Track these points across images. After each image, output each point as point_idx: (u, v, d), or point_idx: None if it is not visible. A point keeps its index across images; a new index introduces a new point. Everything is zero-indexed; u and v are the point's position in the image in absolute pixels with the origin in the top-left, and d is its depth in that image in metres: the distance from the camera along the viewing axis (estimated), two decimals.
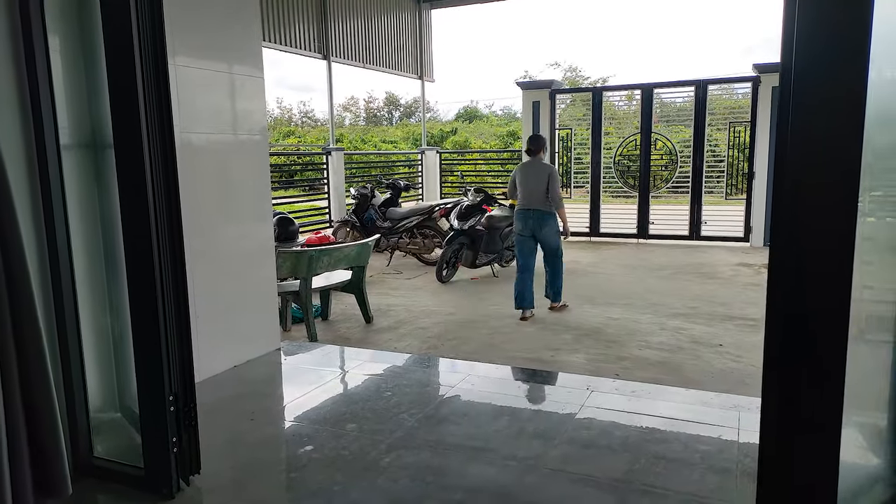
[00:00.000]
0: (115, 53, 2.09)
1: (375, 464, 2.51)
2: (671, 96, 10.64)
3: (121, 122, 2.13)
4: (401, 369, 3.81)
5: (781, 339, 1.59)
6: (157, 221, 2.12)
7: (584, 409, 3.01)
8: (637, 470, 2.42)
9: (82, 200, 2.52)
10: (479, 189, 7.94)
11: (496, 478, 2.40)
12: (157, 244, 2.12)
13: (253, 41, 3.72)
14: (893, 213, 1.99)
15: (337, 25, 10.11)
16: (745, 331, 5.01)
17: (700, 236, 9.77)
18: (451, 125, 29.07)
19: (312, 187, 11.75)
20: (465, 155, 17.46)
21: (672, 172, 9.97)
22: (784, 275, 1.57)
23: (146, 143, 2.08)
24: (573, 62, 46.93)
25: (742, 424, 2.81)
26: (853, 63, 1.44)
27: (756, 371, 2.86)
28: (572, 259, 8.68)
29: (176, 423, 2.25)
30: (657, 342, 4.73)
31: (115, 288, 2.59)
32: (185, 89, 3.25)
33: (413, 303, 6.19)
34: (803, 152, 1.51)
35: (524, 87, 10.96)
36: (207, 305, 3.39)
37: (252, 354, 3.78)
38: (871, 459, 2.04)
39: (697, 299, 6.14)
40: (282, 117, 33.94)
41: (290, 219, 6.74)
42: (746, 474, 2.35)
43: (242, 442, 2.77)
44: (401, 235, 8.37)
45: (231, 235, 3.63)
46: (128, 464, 2.39)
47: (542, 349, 4.59)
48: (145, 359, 2.23)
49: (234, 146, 3.63)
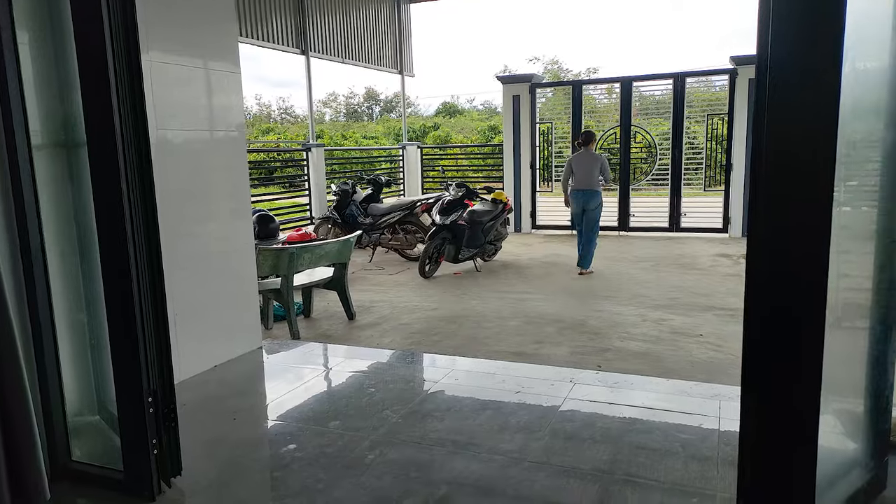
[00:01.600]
0: (86, 49, 2.04)
1: (359, 461, 2.50)
2: (650, 89, 10.72)
3: (93, 120, 2.08)
4: (384, 365, 3.80)
5: (760, 329, 1.61)
6: (132, 220, 2.08)
7: (568, 401, 3.03)
8: (620, 460, 2.44)
9: (56, 200, 2.47)
10: (461, 184, 7.93)
11: (480, 472, 2.40)
12: (132, 244, 2.09)
13: (229, 36, 3.67)
14: (868, 202, 2.02)
15: (315, 20, 10.02)
16: (725, 320, 5.07)
17: (680, 228, 9.88)
18: (432, 120, 29.04)
19: (293, 184, 11.66)
20: (446, 150, 17.44)
21: (651, 165, 10.05)
22: (762, 265, 1.59)
23: (120, 141, 2.04)
24: (554, 56, 47.10)
25: (722, 413, 2.84)
26: (827, 55, 1.45)
27: (736, 360, 2.90)
28: (553, 252, 8.72)
29: (155, 425, 2.22)
30: (639, 333, 4.77)
31: (92, 289, 2.54)
32: (160, 86, 3.19)
33: (396, 299, 6.17)
34: (779, 143, 1.53)
35: (504, 81, 10.97)
36: (187, 305, 3.35)
37: (233, 353, 3.74)
38: (849, 445, 2.08)
39: (678, 290, 6.20)
40: (260, 114, 33.65)
41: (271, 216, 6.69)
42: (727, 462, 2.38)
43: (224, 442, 2.74)
44: (383, 231, 8.34)
45: (210, 234, 3.59)
46: (107, 467, 2.35)
47: (525, 343, 4.61)
48: (123, 360, 2.19)
49: (211, 143, 3.58)
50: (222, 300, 3.66)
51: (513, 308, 5.65)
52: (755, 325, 1.61)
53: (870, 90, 1.87)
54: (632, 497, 2.20)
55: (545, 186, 10.76)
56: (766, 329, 1.60)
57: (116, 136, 2.03)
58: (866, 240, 2.00)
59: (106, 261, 2.15)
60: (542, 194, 10.78)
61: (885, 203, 2.00)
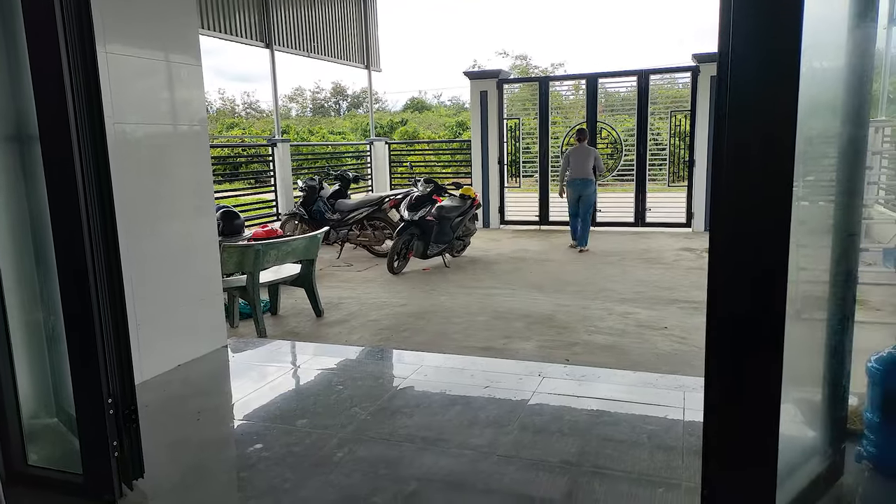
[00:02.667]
0: (36, 38, 1.96)
1: (327, 459, 2.47)
2: (615, 86, 10.84)
3: (46, 113, 2.01)
4: (353, 362, 3.77)
5: (722, 321, 1.64)
6: (88, 216, 2.02)
7: (536, 395, 3.05)
8: (588, 452, 2.47)
9: (8, 195, 2.38)
10: (429, 179, 7.91)
11: (449, 467, 2.40)
12: (89, 241, 2.02)
13: (190, 28, 3.59)
14: (825, 197, 2.08)
15: (279, 13, 9.86)
16: (689, 313, 5.16)
17: (645, 223, 10.03)
18: (400, 115, 28.91)
19: (258, 180, 11.48)
20: (414, 145, 17.38)
21: (617, 161, 10.18)
22: (724, 259, 1.62)
23: (74, 135, 1.97)
24: (522, 51, 47.25)
25: (687, 404, 2.89)
26: (786, 53, 1.48)
27: (700, 352, 2.96)
28: (521, 248, 8.77)
29: (116, 426, 2.16)
30: (606, 327, 4.83)
31: (48, 287, 2.45)
32: (117, 78, 3.10)
33: (364, 295, 6.13)
34: (739, 139, 1.55)
35: (472, 76, 10.96)
36: (148, 303, 3.27)
37: (197, 352, 3.67)
38: (808, 433, 2.14)
39: (643, 284, 6.30)
40: (224, 108, 33.04)
41: (235, 212, 6.57)
42: (692, 452, 2.43)
43: (188, 443, 2.69)
44: (350, 227, 8.27)
45: (172, 230, 3.50)
46: (66, 471, 2.28)
47: (494, 338, 4.62)
48: (80, 360, 2.13)
49: (172, 137, 3.49)
50: (185, 298, 3.59)
51: (481, 303, 5.66)
52: (718, 318, 1.64)
53: (826, 88, 1.92)
54: (600, 488, 2.23)
55: (513, 182, 10.80)
56: (729, 321, 1.63)
57: (70, 129, 1.96)
58: (824, 234, 2.05)
59: (61, 259, 2.08)
60: (510, 190, 10.83)
61: (841, 198, 2.06)
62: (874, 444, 2.16)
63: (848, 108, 1.98)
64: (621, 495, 2.19)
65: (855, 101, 1.97)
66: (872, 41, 1.96)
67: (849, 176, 2.02)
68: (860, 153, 2.03)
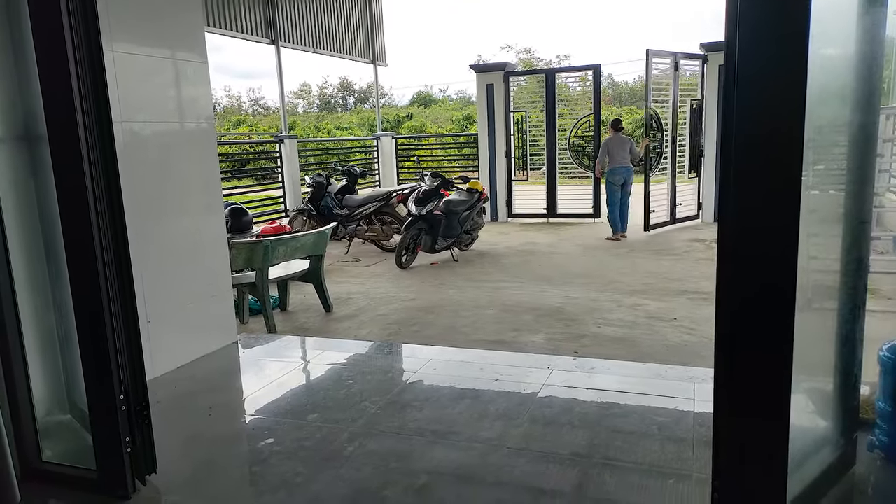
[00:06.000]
0: (44, 40, 1.97)
1: (338, 453, 2.49)
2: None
3: (54, 113, 2.02)
4: (362, 357, 3.78)
5: (732, 312, 1.63)
6: (98, 215, 2.03)
7: (546, 387, 3.05)
8: (598, 444, 2.46)
9: (18, 195, 2.40)
10: (436, 174, 7.91)
11: (460, 460, 2.40)
12: (99, 239, 2.03)
13: (195, 26, 3.59)
14: (835, 185, 2.06)
15: (285, 9, 9.87)
16: (698, 304, 5.14)
17: (676, 219, 9.93)
18: (407, 110, 28.89)
19: (266, 176, 11.52)
20: (420, 140, 17.37)
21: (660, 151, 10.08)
22: (733, 249, 1.60)
23: (83, 134, 1.98)
24: (527, 44, 47.04)
25: (697, 395, 2.88)
26: (794, 41, 1.46)
27: (710, 343, 2.95)
28: (530, 241, 8.76)
29: (128, 422, 2.18)
30: (615, 319, 4.82)
31: (59, 285, 2.47)
32: (124, 77, 3.11)
33: (373, 290, 6.15)
34: (748, 128, 1.54)
35: (478, 70, 10.94)
36: (158, 301, 3.29)
37: (208, 349, 3.69)
38: (819, 423, 2.13)
39: (652, 275, 6.28)
40: (231, 106, 33.13)
41: (244, 209, 6.61)
42: (702, 443, 2.42)
43: (200, 438, 2.71)
44: (358, 222, 8.29)
45: (181, 228, 3.52)
46: (80, 466, 2.30)
47: (503, 331, 4.62)
48: (92, 358, 2.14)
49: (179, 135, 3.51)
50: (195, 295, 3.61)
51: (490, 297, 5.66)
52: (727, 309, 1.63)
53: (836, 76, 1.90)
54: (610, 480, 2.23)
55: (521, 175, 10.77)
56: (738, 312, 1.62)
57: (79, 129, 1.97)
58: (834, 222, 2.04)
59: (72, 258, 2.10)
60: (517, 183, 10.80)
61: (851, 186, 2.04)
62: (886, 433, 2.14)
63: (858, 96, 1.96)
64: (632, 487, 2.19)
65: (865, 89, 1.95)
66: (883, 27, 1.93)
67: (859, 164, 2.00)
68: (871, 141, 2.01)
